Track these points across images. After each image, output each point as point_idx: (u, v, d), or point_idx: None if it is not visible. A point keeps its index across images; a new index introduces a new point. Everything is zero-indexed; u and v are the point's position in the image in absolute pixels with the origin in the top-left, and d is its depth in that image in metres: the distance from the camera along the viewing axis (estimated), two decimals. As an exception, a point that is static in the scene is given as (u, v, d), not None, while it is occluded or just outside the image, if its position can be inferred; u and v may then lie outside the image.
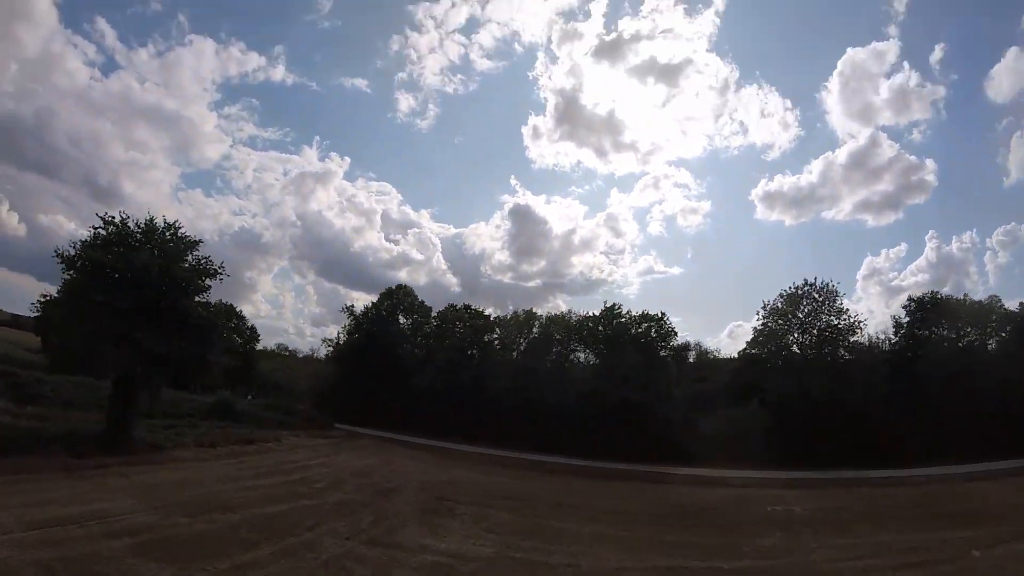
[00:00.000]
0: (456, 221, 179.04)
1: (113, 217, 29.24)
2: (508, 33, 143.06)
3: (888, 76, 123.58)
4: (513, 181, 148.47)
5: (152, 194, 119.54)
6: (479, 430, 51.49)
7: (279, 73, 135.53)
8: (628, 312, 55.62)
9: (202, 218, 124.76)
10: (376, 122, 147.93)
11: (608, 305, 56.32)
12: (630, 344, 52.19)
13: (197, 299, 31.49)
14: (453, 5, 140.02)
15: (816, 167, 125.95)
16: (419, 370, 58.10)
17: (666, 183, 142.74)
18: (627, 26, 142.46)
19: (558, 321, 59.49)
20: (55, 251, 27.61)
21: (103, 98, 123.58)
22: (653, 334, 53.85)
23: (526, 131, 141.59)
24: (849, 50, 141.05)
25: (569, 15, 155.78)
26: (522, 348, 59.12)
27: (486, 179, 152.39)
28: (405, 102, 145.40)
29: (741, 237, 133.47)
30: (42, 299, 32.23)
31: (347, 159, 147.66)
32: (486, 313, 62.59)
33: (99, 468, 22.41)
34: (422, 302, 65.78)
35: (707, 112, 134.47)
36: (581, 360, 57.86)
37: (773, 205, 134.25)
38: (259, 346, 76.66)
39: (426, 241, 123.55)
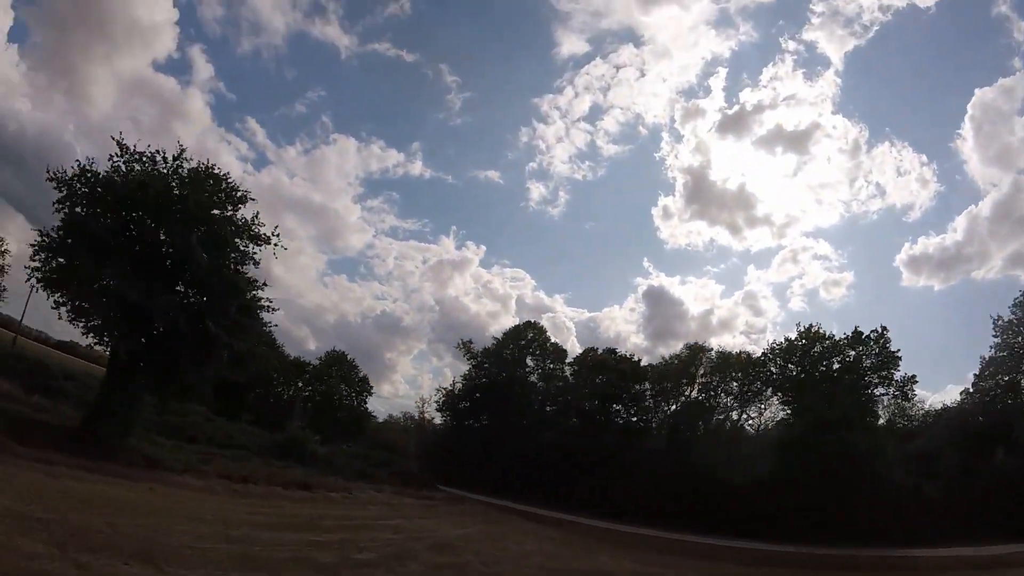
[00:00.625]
0: (590, 305, 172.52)
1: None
2: (631, 117, 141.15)
3: (1022, 113, 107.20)
4: (646, 263, 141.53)
5: (300, 278, 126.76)
6: (625, 502, 37.70)
7: (416, 168, 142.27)
8: (830, 335, 40.22)
9: (346, 301, 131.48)
10: (509, 211, 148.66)
11: (803, 329, 40.91)
12: (833, 380, 37.09)
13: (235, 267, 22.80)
14: (576, 95, 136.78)
15: (960, 224, 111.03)
16: (550, 424, 45.46)
17: (805, 256, 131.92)
18: (748, 97, 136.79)
19: (731, 360, 44.59)
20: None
21: (254, 190, 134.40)
22: (866, 364, 38.01)
23: (656, 212, 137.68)
24: (977, 91, 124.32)
25: (689, 93, 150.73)
26: (687, 398, 44.49)
27: (618, 262, 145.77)
28: (536, 191, 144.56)
29: (888, 306, 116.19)
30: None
31: (483, 247, 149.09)
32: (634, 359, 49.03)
33: (48, 464, 16.86)
34: (556, 344, 53.91)
35: (840, 177, 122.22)
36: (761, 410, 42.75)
37: (919, 270, 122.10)
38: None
39: (560, 326, 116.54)
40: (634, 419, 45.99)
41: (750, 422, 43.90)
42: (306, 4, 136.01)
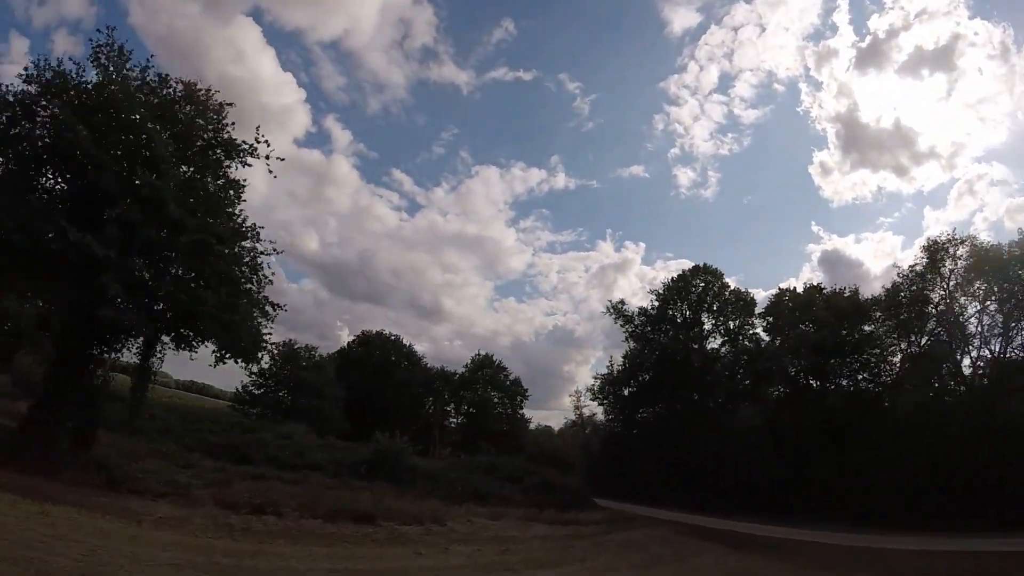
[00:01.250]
0: (764, 283, 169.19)
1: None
2: (763, 76, 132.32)
3: None
4: (814, 227, 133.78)
5: (470, 308, 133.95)
6: (879, 500, 25.26)
7: (560, 180, 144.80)
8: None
9: (518, 323, 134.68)
10: (661, 202, 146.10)
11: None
12: None
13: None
14: (701, 68, 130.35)
15: None
16: (744, 400, 32.81)
17: (981, 184, 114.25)
18: (878, 24, 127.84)
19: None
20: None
21: (413, 234, 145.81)
22: None
23: (814, 170, 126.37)
24: None
25: (816, 36, 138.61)
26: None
27: (785, 232, 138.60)
28: (684, 176, 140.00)
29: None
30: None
31: (641, 244, 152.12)
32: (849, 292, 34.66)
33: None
34: (738, 291, 40.67)
35: (998, 87, 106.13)
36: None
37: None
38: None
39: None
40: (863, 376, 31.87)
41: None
42: (417, 52, 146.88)
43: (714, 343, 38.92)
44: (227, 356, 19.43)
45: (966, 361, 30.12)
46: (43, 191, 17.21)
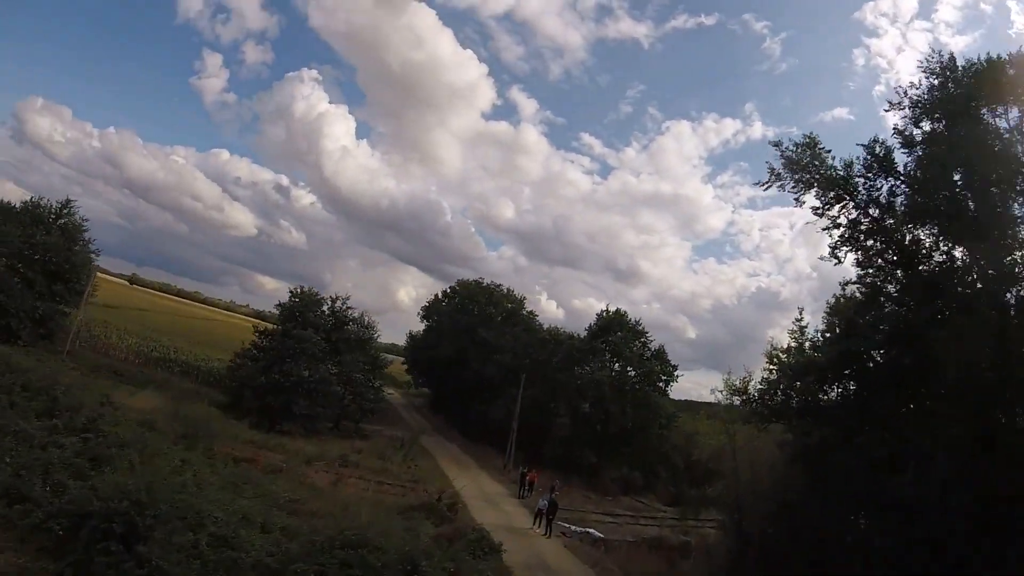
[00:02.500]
0: None
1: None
2: None
3: None
4: None
5: (667, 270, 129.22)
6: None
7: (757, 130, 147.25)
8: None
9: (718, 284, 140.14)
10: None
11: None
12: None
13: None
14: None
15: None
16: None
17: None
18: None
19: None
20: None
21: (606, 197, 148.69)
22: None
23: None
24: None
25: None
26: None
27: None
28: (894, 115, 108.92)
29: None
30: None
31: None
32: None
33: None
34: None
35: None
36: None
37: None
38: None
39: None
40: None
41: None
42: (592, 11, 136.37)
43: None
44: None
45: None
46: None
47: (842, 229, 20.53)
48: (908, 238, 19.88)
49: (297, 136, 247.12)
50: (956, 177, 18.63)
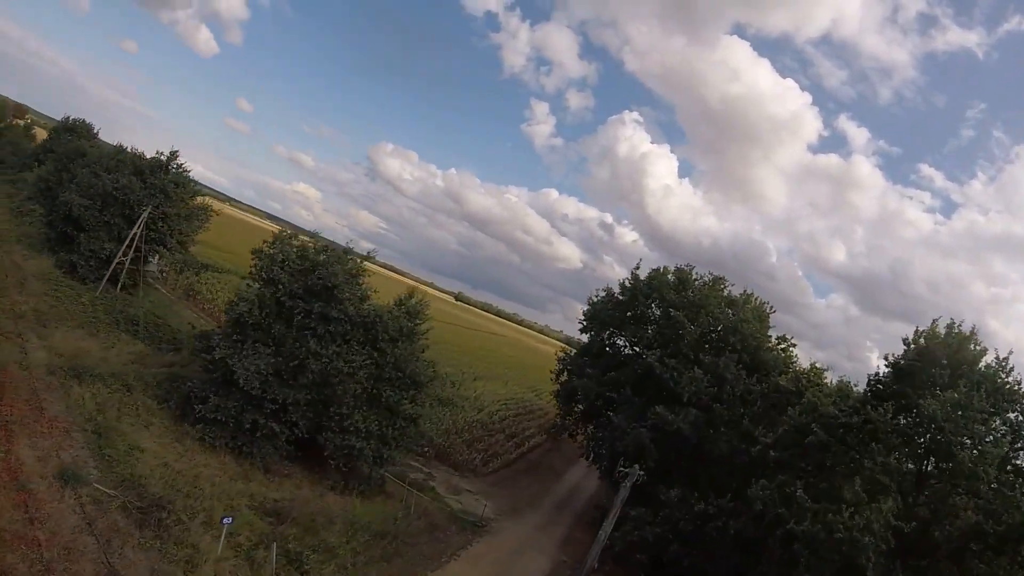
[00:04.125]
0: None
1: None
2: None
3: None
4: None
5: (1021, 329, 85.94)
6: None
7: None
8: None
9: None
10: None
11: None
12: None
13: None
14: None
15: None
16: None
17: None
18: None
19: None
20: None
21: (950, 239, 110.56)
22: None
23: None
24: None
25: None
26: None
27: None
28: None
29: None
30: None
31: None
32: None
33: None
34: None
35: None
36: None
37: None
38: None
39: None
40: None
41: None
42: (914, 23, 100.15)
43: None
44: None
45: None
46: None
47: None
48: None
49: (621, 176, 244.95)
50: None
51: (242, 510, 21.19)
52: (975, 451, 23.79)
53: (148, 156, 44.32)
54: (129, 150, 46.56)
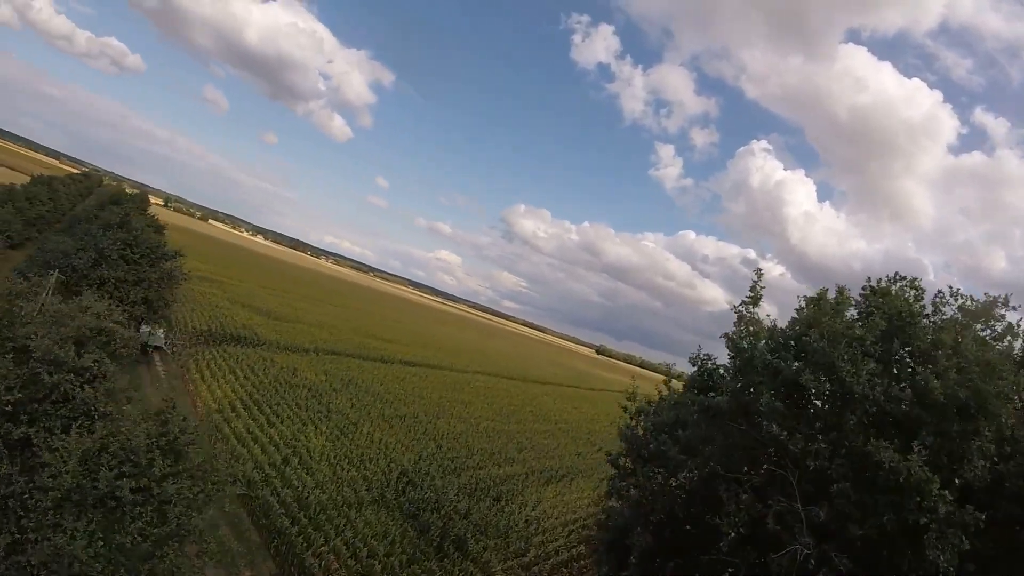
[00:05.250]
0: None
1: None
2: None
3: None
4: None
5: None
6: None
7: None
8: None
9: None
10: None
11: None
12: None
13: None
14: None
15: None
16: None
17: None
18: None
19: None
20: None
21: None
22: None
23: None
24: None
25: None
26: None
27: None
28: None
29: None
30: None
31: None
32: None
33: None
34: None
35: None
36: None
37: None
38: None
39: None
40: None
41: None
42: None
43: None
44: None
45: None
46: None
47: None
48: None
49: (758, 208, 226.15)
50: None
51: None
52: None
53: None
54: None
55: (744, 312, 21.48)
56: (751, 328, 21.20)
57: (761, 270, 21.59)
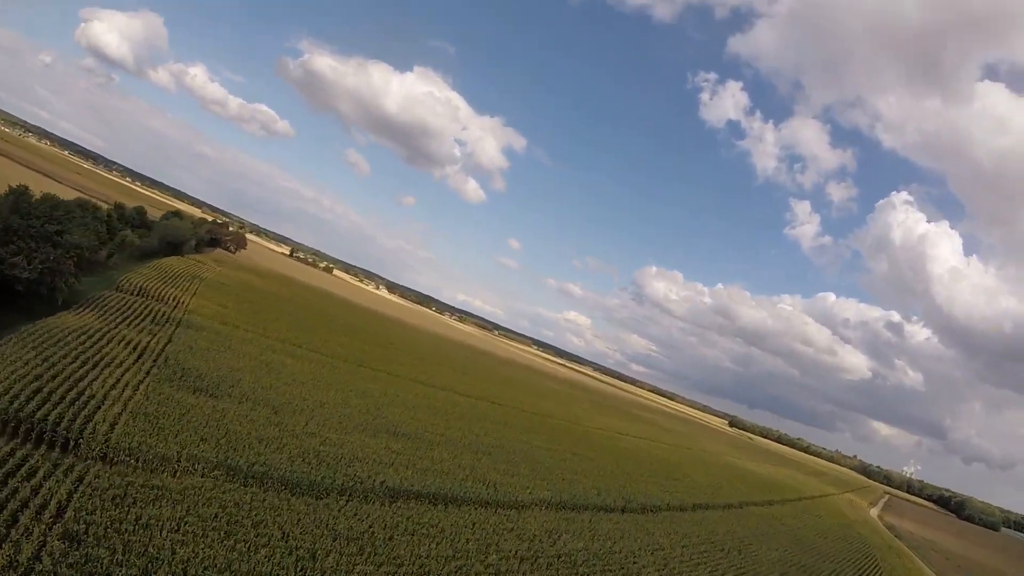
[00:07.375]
0: None
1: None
2: None
3: None
4: None
5: None
6: None
7: None
8: None
9: None
10: None
11: None
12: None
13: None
14: None
15: None
16: None
17: None
18: None
19: None
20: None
21: None
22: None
23: None
24: None
25: None
26: None
27: None
28: None
29: None
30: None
31: None
32: None
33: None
34: None
35: None
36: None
37: None
38: None
39: None
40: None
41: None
42: None
43: None
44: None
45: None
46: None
47: None
48: None
49: (901, 265, 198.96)
50: None
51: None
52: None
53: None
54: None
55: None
56: None
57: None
